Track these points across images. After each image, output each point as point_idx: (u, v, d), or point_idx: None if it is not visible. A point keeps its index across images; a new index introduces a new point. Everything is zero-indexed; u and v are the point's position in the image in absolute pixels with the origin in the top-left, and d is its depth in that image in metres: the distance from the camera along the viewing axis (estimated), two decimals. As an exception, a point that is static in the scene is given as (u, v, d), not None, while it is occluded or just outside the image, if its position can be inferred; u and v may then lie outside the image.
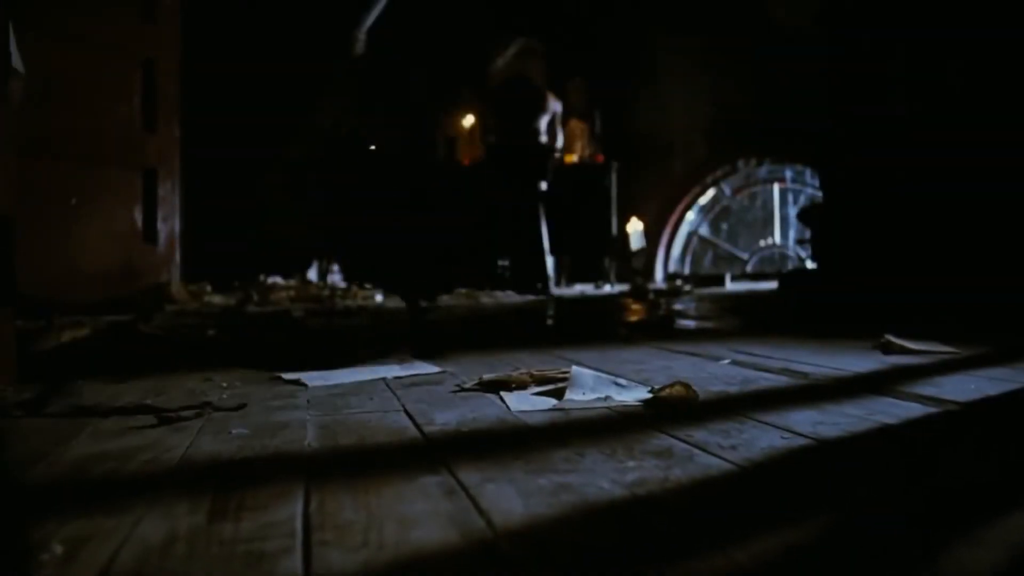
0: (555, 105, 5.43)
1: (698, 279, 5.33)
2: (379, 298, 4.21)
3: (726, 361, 1.29)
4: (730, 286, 5.42)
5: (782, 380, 1.08)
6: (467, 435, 0.76)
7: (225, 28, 5.09)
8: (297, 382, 1.13)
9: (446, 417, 0.85)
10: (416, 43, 6.25)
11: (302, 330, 2.28)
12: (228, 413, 0.88)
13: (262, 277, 4.02)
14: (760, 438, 0.71)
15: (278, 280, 4.06)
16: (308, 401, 0.98)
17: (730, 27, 6.92)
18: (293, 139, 6.19)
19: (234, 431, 0.79)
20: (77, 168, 3.29)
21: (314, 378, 1.16)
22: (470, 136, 5.97)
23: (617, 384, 1.00)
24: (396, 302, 3.86)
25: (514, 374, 1.10)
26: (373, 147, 3.76)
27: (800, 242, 5.81)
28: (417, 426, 0.80)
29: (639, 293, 3.84)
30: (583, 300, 3.90)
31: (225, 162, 5.56)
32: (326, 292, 4.20)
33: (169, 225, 3.68)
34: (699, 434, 0.73)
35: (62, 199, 3.23)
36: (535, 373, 1.10)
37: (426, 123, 6.43)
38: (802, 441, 0.70)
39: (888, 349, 1.37)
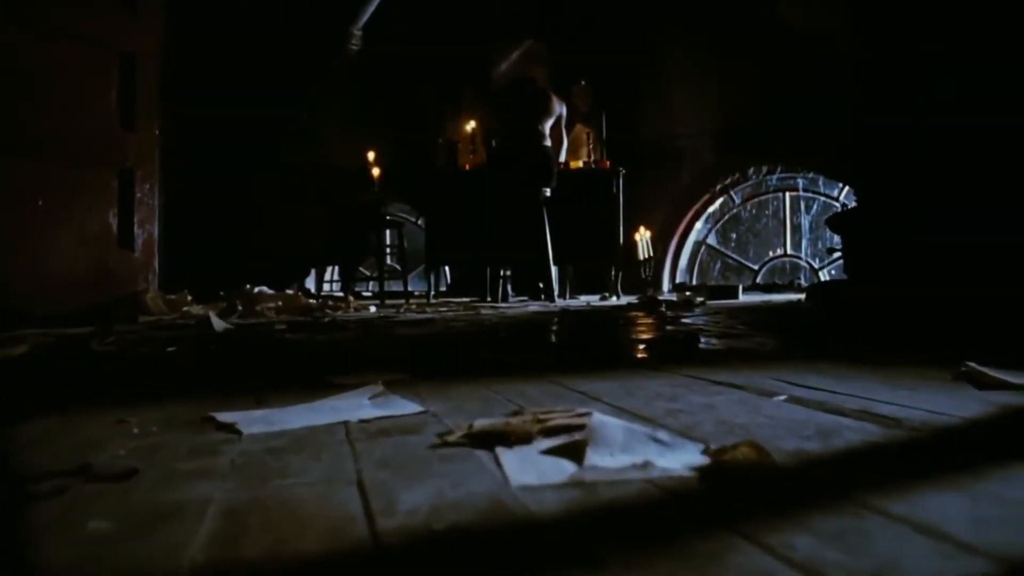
0: (560, 108, 5.20)
1: (710, 290, 5.06)
2: (373, 309, 3.96)
3: (782, 397, 1.03)
4: (743, 297, 5.15)
5: (872, 431, 0.81)
6: (441, 539, 0.49)
7: (214, 21, 4.86)
8: (231, 427, 0.86)
9: (415, 497, 0.58)
10: (417, 42, 6.02)
11: (276, 346, 2.02)
12: (106, 486, 0.62)
13: (247, 286, 3.76)
14: (908, 556, 0.45)
15: (264, 289, 3.80)
16: (232, 462, 0.71)
17: (740, 29, 6.69)
18: (287, 140, 5.96)
19: (92, 524, 0.52)
20: (46, 167, 3.05)
21: (255, 421, 0.90)
22: (472, 141, 5.73)
23: (656, 440, 0.73)
24: (388, 311, 3.60)
25: (514, 420, 0.84)
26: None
27: (830, 251, 5.55)
28: (369, 516, 0.54)
29: (651, 305, 3.57)
30: (590, 313, 3.64)
31: (214, 164, 5.32)
32: (317, 303, 3.94)
33: (147, 230, 3.43)
34: (803, 542, 0.47)
35: (28, 201, 2.99)
36: (541, 417, 0.84)
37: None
38: (983, 565, 0.43)
39: (980, 382, 1.10)
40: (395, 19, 6.26)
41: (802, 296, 5.02)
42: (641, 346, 1.85)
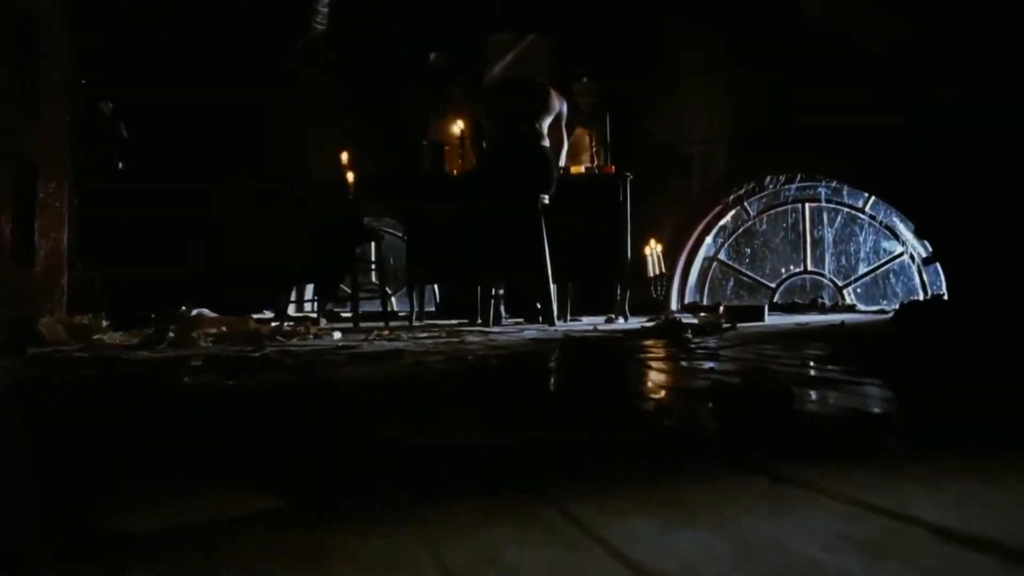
0: (560, 105, 4.59)
1: (731, 312, 4.42)
2: (337, 335, 3.31)
3: None
4: (770, 319, 4.52)
5: None
6: None
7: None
8: None
9: None
10: (402, 35, 5.42)
11: (146, 404, 1.36)
12: None
13: (183, 308, 3.11)
14: None
15: (205, 312, 3.15)
16: None
17: (755, 26, 6.13)
18: (260, 140, 5.33)
19: None
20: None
21: None
22: (461, 143, 5.11)
23: None
24: (355, 339, 2.94)
25: None
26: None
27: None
28: None
29: (672, 331, 2.93)
30: (599, 340, 2.99)
31: (169, 164, 4.69)
32: (272, 328, 3.29)
33: (53, 239, 2.78)
34: None
35: None
36: None
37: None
38: None
39: None
40: (388, 18, 5.68)
41: (842, 317, 4.39)
42: (701, 405, 1.19)
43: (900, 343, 1.86)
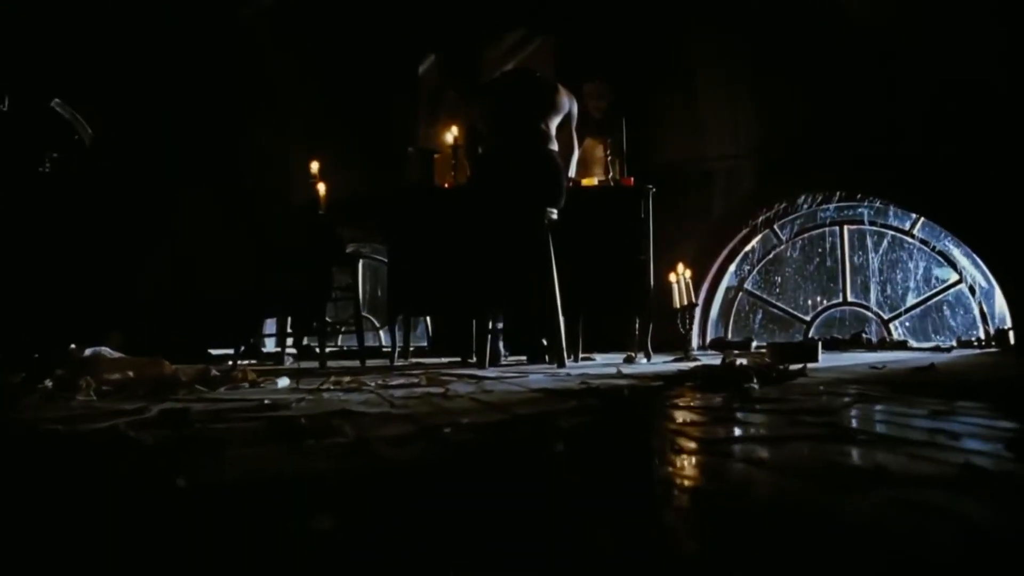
0: (569, 103, 3.88)
1: (778, 350, 3.64)
2: (284, 382, 2.52)
3: None
4: (824, 359, 3.72)
5: None
6: None
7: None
8: None
9: None
10: (389, 33, 4.74)
11: None
12: None
13: (73, 346, 2.34)
14: None
15: (105, 351, 2.37)
16: None
17: (786, 26, 5.46)
18: (228, 153, 4.62)
19: None
20: None
21: None
22: (453, 153, 4.39)
23: None
24: (293, 389, 2.14)
25: None
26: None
27: None
28: None
29: (733, 379, 2.14)
30: (632, 393, 2.20)
31: (121, 171, 3.96)
32: (190, 373, 2.50)
33: None
34: None
35: None
36: None
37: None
38: None
39: None
40: (375, 13, 5.03)
41: (921, 357, 3.58)
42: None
43: None
